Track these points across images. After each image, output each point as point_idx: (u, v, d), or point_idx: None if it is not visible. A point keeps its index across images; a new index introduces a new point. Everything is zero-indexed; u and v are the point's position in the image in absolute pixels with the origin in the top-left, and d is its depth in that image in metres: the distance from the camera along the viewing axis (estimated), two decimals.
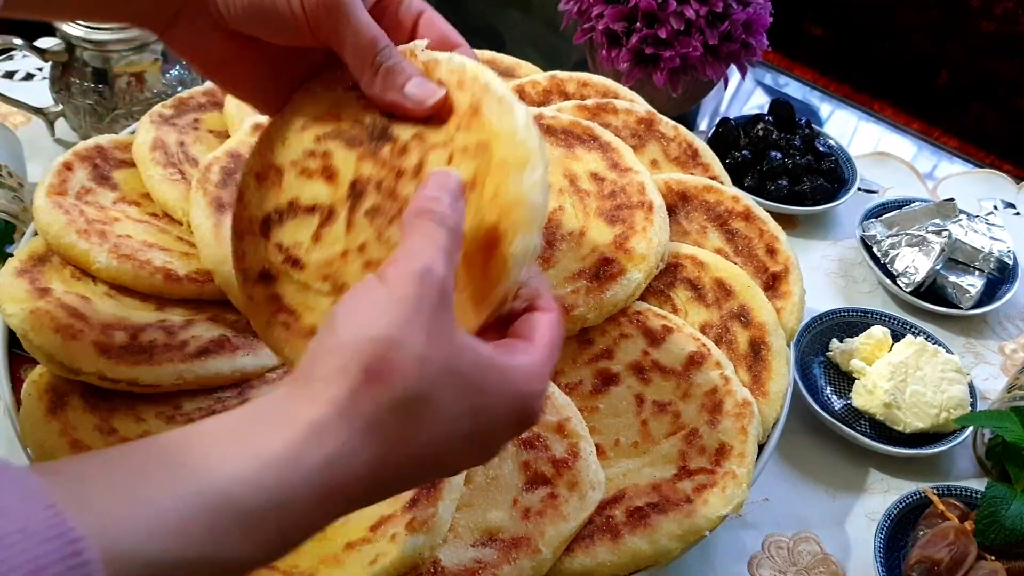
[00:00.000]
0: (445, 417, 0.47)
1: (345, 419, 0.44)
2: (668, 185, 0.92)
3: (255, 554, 0.42)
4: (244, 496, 0.41)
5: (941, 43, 2.10)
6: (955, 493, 0.86)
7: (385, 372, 0.45)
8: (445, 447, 0.48)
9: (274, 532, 0.42)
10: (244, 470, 0.41)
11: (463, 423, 0.48)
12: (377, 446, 0.45)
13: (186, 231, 0.86)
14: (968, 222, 1.11)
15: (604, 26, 1.16)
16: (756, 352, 0.81)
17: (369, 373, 0.45)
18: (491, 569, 0.64)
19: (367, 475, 0.45)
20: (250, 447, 0.42)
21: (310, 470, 0.43)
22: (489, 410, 0.49)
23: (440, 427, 0.47)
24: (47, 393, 0.73)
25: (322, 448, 0.43)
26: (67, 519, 0.34)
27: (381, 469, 0.46)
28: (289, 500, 0.42)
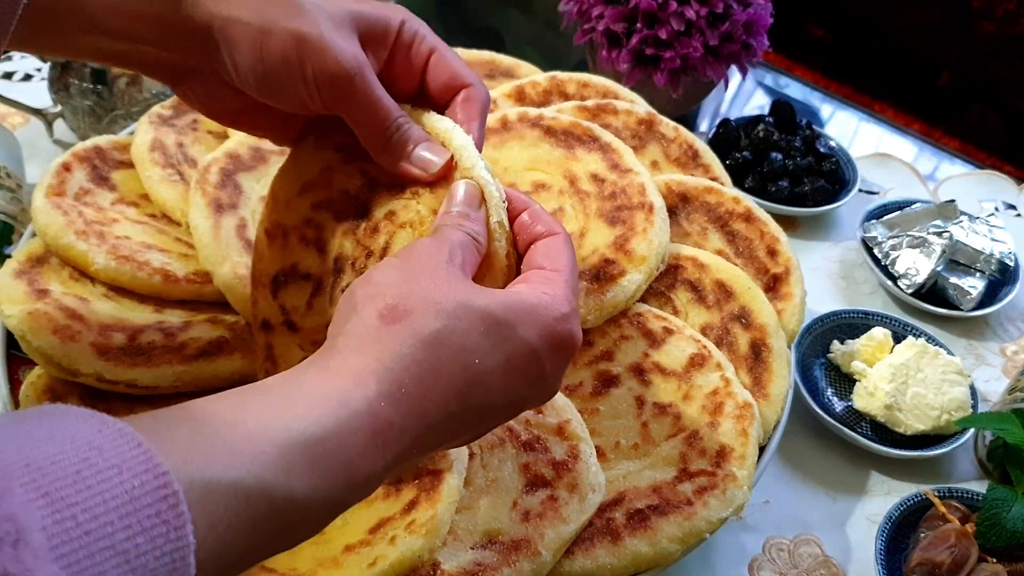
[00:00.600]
0: (475, 350, 0.49)
1: (376, 360, 0.47)
2: (668, 186, 0.91)
3: (322, 488, 0.44)
4: (305, 430, 0.43)
5: (942, 44, 2.10)
6: (956, 495, 0.86)
7: (398, 314, 0.49)
8: (487, 379, 0.50)
9: (338, 466, 0.44)
10: (301, 409, 0.44)
11: (493, 355, 0.50)
12: (412, 381, 0.47)
13: (185, 232, 0.86)
14: (969, 223, 1.11)
15: (604, 27, 1.16)
16: (757, 354, 0.81)
17: (384, 318, 0.49)
18: (491, 572, 0.64)
19: (411, 410, 0.47)
20: (302, 396, 0.45)
21: (358, 406, 0.45)
22: (522, 340, 0.51)
23: (472, 358, 0.49)
24: (45, 394, 0.72)
25: (364, 388, 0.46)
26: (154, 455, 0.37)
27: (423, 403, 0.48)
28: (346, 433, 0.45)
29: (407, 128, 0.62)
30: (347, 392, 0.46)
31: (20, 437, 0.36)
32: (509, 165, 0.88)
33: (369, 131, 0.62)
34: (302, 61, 0.58)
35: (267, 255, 0.69)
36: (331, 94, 0.59)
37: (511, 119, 0.91)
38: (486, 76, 1.05)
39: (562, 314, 0.53)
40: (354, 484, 0.46)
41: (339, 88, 0.59)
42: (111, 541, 0.35)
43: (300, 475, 0.43)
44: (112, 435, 0.37)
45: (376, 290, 0.51)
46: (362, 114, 0.61)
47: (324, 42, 0.58)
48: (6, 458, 0.34)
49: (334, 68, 0.58)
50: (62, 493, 0.34)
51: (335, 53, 0.58)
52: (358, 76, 0.59)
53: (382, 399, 0.46)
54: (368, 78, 0.60)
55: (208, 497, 0.39)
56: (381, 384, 0.47)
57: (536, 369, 0.53)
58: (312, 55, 0.58)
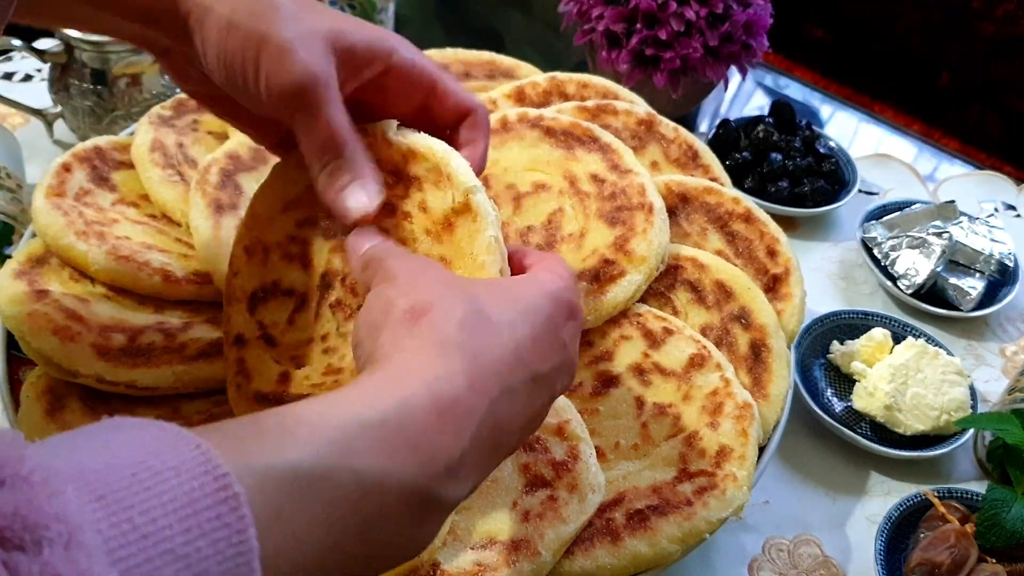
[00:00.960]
0: (502, 323, 0.50)
1: (420, 350, 0.47)
2: (668, 187, 0.91)
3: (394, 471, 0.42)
4: (361, 413, 0.42)
5: (942, 45, 2.10)
6: (956, 496, 0.86)
7: (419, 311, 0.49)
8: (523, 350, 0.50)
9: (405, 446, 0.43)
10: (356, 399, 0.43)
11: (521, 327, 0.50)
12: (463, 357, 0.47)
13: (185, 232, 0.86)
14: (969, 224, 1.11)
15: (604, 27, 1.16)
16: (757, 354, 0.81)
17: (407, 319, 0.48)
18: (491, 572, 0.64)
19: (470, 382, 0.46)
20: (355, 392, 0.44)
21: (414, 387, 0.44)
22: (536, 311, 0.52)
23: (504, 332, 0.49)
24: (45, 395, 0.72)
25: (417, 374, 0.45)
26: (213, 456, 0.36)
27: (481, 378, 0.47)
28: (406, 412, 0.43)
29: (349, 157, 0.59)
30: (400, 378, 0.45)
31: (75, 446, 0.35)
32: (509, 165, 0.88)
33: (312, 148, 0.59)
34: (258, 63, 0.57)
35: (245, 271, 0.69)
36: (282, 104, 0.58)
37: (511, 120, 0.91)
38: (486, 76, 1.06)
39: (565, 284, 0.55)
40: (431, 469, 0.43)
41: (290, 97, 0.57)
42: (170, 545, 0.33)
43: (365, 455, 0.41)
44: (170, 438, 0.36)
45: (384, 307, 0.50)
46: (309, 131, 0.59)
47: (284, 49, 0.57)
48: (60, 464, 0.33)
49: (288, 76, 0.57)
50: (118, 496, 0.33)
51: (293, 62, 0.57)
52: (311, 92, 0.57)
53: (441, 380, 0.45)
54: (321, 94, 0.57)
55: (267, 484, 0.37)
56: (435, 367, 0.46)
57: (558, 336, 0.53)
58: (269, 59, 0.57)
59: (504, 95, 0.99)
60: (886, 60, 2.17)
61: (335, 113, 0.58)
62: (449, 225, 0.60)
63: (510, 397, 0.49)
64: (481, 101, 0.66)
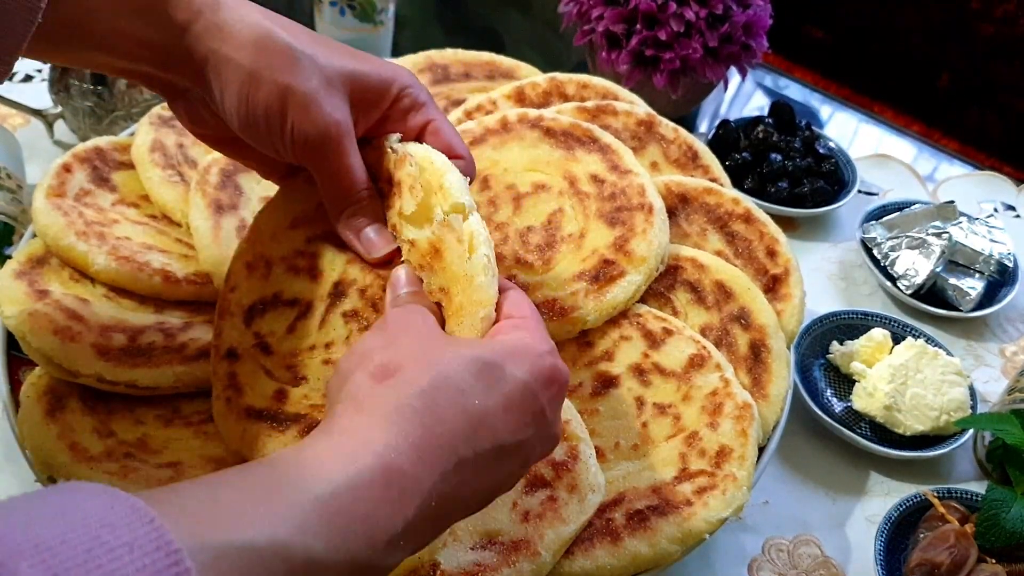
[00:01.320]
0: (471, 392, 0.50)
1: (378, 416, 0.47)
2: (668, 187, 0.91)
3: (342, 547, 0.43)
4: (316, 488, 0.43)
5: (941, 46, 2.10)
6: (955, 496, 0.86)
7: (389, 370, 0.50)
8: (490, 419, 0.50)
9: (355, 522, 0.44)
10: (310, 471, 0.44)
11: (491, 396, 0.50)
12: (415, 428, 0.47)
13: (185, 233, 0.86)
14: (968, 224, 1.11)
15: (604, 28, 1.16)
16: (756, 354, 0.81)
17: (377, 377, 0.49)
18: (490, 572, 0.64)
19: (420, 457, 0.47)
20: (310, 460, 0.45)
21: (367, 462, 0.45)
22: (514, 378, 0.52)
23: (471, 400, 0.49)
24: (46, 395, 0.73)
25: (371, 443, 0.46)
26: (166, 531, 0.36)
27: (430, 450, 0.47)
28: (358, 487, 0.44)
29: (367, 203, 0.64)
30: (354, 449, 0.46)
31: (29, 516, 0.35)
32: (509, 166, 0.88)
33: (333, 195, 0.64)
34: (284, 115, 0.59)
35: (244, 286, 0.70)
36: (305, 152, 0.61)
37: (511, 120, 0.91)
38: (486, 77, 1.06)
39: (545, 351, 0.54)
40: (376, 542, 0.45)
41: (314, 149, 0.60)
42: None
43: (316, 533, 0.42)
44: (124, 511, 0.36)
45: (361, 357, 0.51)
46: (330, 178, 0.63)
47: (309, 100, 0.59)
48: (15, 537, 0.34)
49: (312, 129, 0.59)
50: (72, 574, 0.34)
51: (317, 114, 0.59)
52: (334, 141, 0.60)
53: (390, 450, 0.46)
54: (344, 145, 0.61)
55: (222, 563, 0.38)
56: (387, 436, 0.46)
57: (534, 404, 0.53)
58: (295, 111, 0.59)
59: (504, 96, 0.99)
60: (886, 61, 2.17)
61: (355, 159, 0.62)
62: (437, 252, 0.60)
63: (466, 468, 0.49)
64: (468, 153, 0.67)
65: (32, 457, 0.70)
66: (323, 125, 0.59)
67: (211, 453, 0.70)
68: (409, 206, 0.63)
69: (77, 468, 0.67)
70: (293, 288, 0.68)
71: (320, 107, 0.59)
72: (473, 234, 0.58)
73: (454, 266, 0.58)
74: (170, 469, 0.68)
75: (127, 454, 0.69)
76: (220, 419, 0.66)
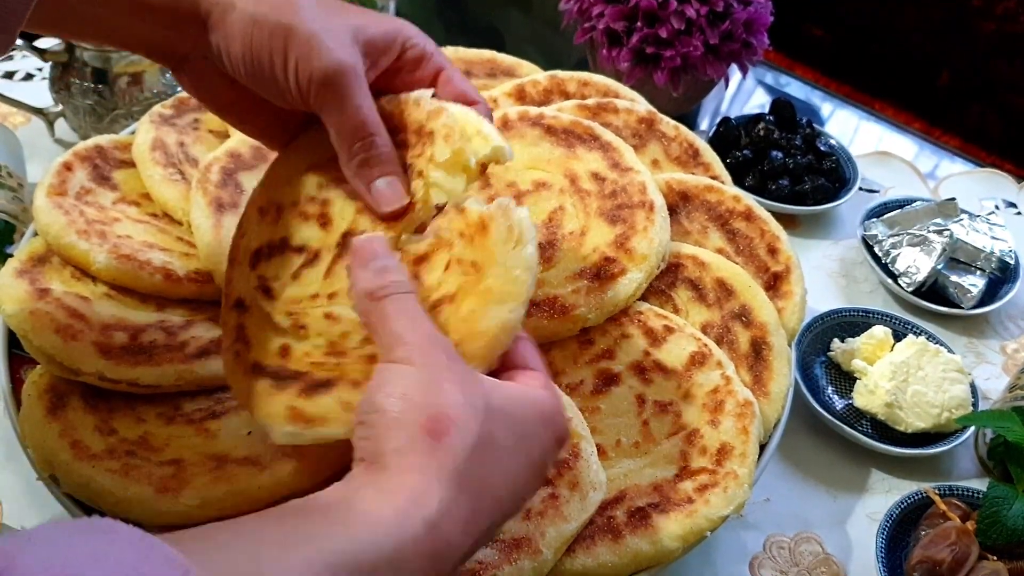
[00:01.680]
0: (507, 451, 0.50)
1: (436, 480, 0.47)
2: (669, 185, 0.91)
3: None
4: (361, 554, 0.43)
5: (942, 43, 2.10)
6: (957, 493, 0.86)
7: (443, 427, 0.48)
8: (516, 480, 0.51)
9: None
10: (358, 531, 0.44)
11: (520, 454, 0.51)
12: (468, 496, 0.48)
13: (186, 231, 0.86)
14: (969, 222, 1.11)
15: (605, 25, 1.16)
16: (757, 352, 0.81)
17: (432, 433, 0.48)
18: (492, 570, 0.64)
19: (467, 526, 0.47)
20: (359, 516, 0.45)
21: (416, 530, 0.45)
22: (533, 436, 0.52)
23: (508, 461, 0.50)
24: (47, 394, 0.72)
25: (424, 509, 0.46)
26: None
27: (477, 516, 0.48)
28: (402, 559, 0.44)
29: (379, 151, 0.62)
30: (406, 512, 0.45)
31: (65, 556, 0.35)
32: (510, 164, 0.88)
33: (342, 137, 0.62)
34: (287, 53, 0.59)
35: (253, 230, 0.68)
36: (311, 93, 0.60)
37: (512, 118, 0.91)
38: (487, 75, 1.06)
39: (561, 410, 0.55)
40: None
41: (320, 85, 0.59)
42: None
43: None
44: (159, 561, 0.36)
45: (408, 403, 0.49)
46: (338, 117, 0.61)
47: (312, 39, 0.58)
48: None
49: (318, 64, 0.59)
50: None
51: (322, 51, 0.58)
52: (341, 77, 0.59)
53: (443, 519, 0.46)
54: (351, 82, 0.60)
55: None
56: (443, 503, 0.46)
57: (544, 467, 0.54)
58: (298, 49, 0.59)
59: (505, 93, 0.99)
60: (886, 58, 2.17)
61: (364, 101, 0.61)
62: (484, 229, 0.58)
63: (492, 528, 0.51)
64: (482, 98, 0.67)
65: (33, 455, 0.70)
66: (328, 63, 0.59)
67: (213, 451, 0.70)
68: (443, 153, 0.61)
69: (78, 466, 0.67)
70: (301, 234, 0.66)
71: (323, 46, 0.59)
72: (524, 227, 0.57)
73: (496, 249, 0.57)
74: (171, 467, 0.68)
75: (128, 452, 0.69)
76: (230, 374, 0.64)
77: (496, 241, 0.57)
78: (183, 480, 0.66)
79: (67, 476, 0.68)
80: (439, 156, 0.62)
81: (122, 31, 0.63)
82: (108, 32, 0.63)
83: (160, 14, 0.61)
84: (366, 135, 0.61)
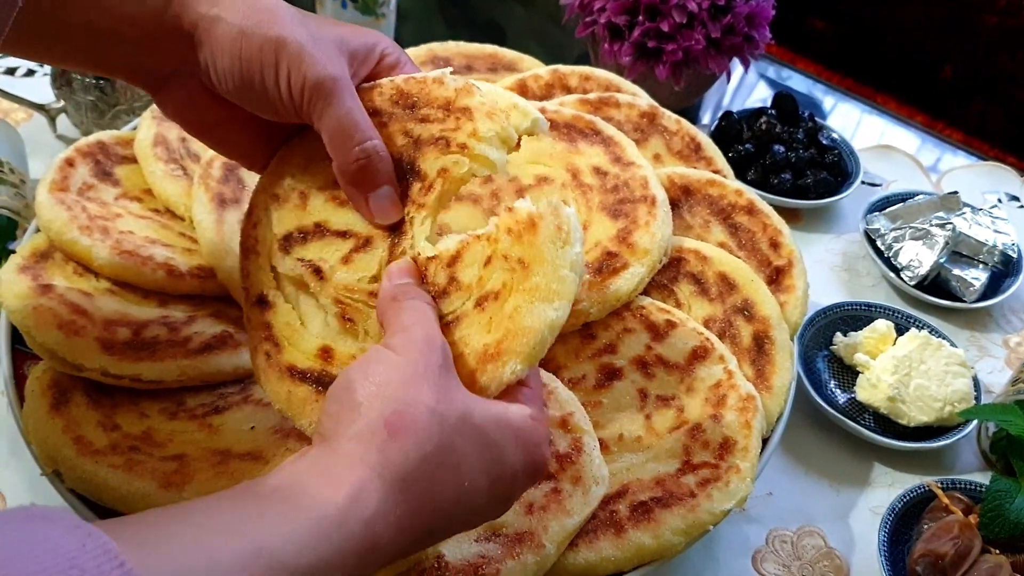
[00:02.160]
0: (466, 469, 0.50)
1: (379, 477, 0.47)
2: (671, 179, 0.91)
3: None
4: (297, 556, 0.44)
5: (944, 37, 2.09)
6: (959, 487, 0.86)
7: (404, 424, 0.49)
8: (468, 500, 0.51)
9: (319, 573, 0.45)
10: (294, 531, 0.44)
11: (482, 477, 0.51)
12: (408, 500, 0.48)
13: (188, 227, 0.86)
14: (972, 215, 1.11)
15: (606, 20, 1.16)
16: (760, 346, 0.81)
17: (391, 428, 0.49)
18: (495, 564, 0.64)
19: (400, 529, 0.48)
20: (300, 509, 0.45)
21: (353, 529, 0.46)
22: (504, 463, 0.52)
23: (463, 479, 0.50)
24: (50, 389, 0.73)
25: (363, 509, 0.46)
26: None
27: (413, 522, 0.49)
28: (336, 558, 0.45)
29: (378, 159, 0.61)
30: (346, 511, 0.46)
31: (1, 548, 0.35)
32: (511, 159, 0.88)
33: (338, 141, 0.61)
34: (278, 64, 0.59)
35: (273, 217, 0.66)
36: (304, 97, 0.60)
37: None
38: (488, 69, 1.06)
39: (543, 440, 0.55)
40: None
41: (312, 91, 0.59)
42: None
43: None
44: (95, 552, 0.36)
45: (380, 391, 0.50)
46: (333, 122, 0.60)
47: (303, 49, 0.59)
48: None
49: (311, 73, 0.59)
50: None
51: (313, 60, 0.59)
52: (334, 83, 0.60)
53: (378, 519, 0.47)
54: (345, 89, 0.60)
55: None
56: (381, 503, 0.47)
57: (509, 491, 0.54)
58: (289, 59, 0.59)
59: (506, 88, 0.99)
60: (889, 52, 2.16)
61: (356, 104, 0.61)
62: (533, 227, 0.57)
63: (435, 535, 0.52)
64: None
65: (37, 451, 0.70)
66: (320, 71, 0.59)
67: (216, 446, 0.70)
68: (488, 127, 0.62)
69: (82, 462, 0.67)
70: (340, 219, 0.65)
71: (313, 57, 0.59)
72: (572, 226, 0.57)
73: (545, 248, 0.57)
74: (175, 462, 0.68)
75: (132, 447, 0.69)
76: (262, 376, 0.63)
77: (544, 240, 0.57)
78: (186, 475, 0.67)
79: (70, 472, 0.68)
80: (484, 130, 0.62)
81: (105, 54, 0.63)
82: (90, 55, 0.63)
83: (143, 33, 0.61)
84: (364, 139, 0.61)
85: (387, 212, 0.62)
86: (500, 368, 0.55)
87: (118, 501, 0.66)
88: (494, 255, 0.58)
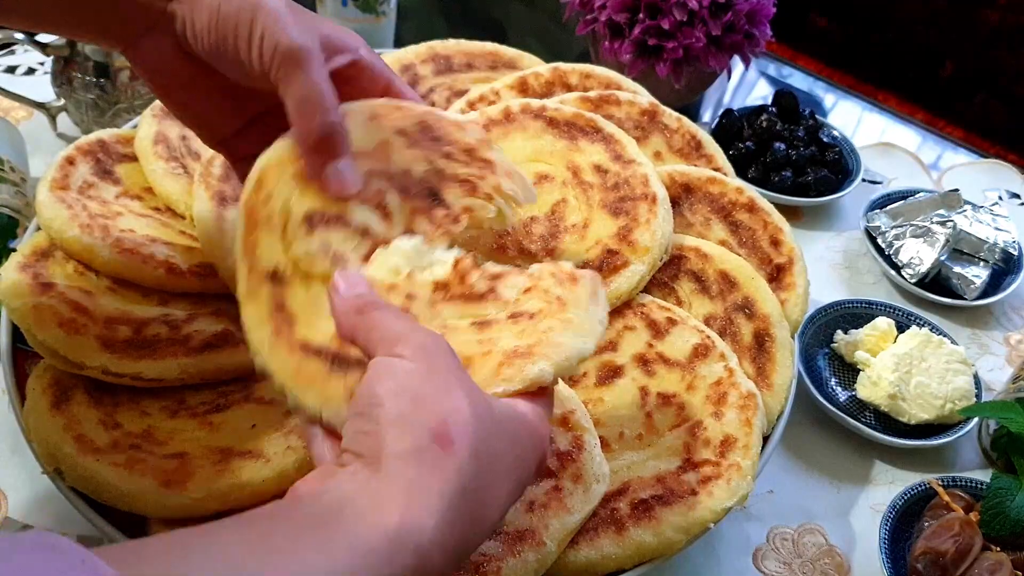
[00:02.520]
0: (504, 470, 0.50)
1: (437, 497, 0.45)
2: (672, 177, 0.91)
3: None
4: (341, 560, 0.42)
5: (945, 34, 2.09)
6: (960, 484, 0.86)
7: (453, 438, 0.47)
8: (505, 502, 0.51)
9: None
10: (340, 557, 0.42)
11: (512, 477, 0.51)
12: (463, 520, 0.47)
13: (189, 225, 0.86)
14: (973, 212, 1.11)
15: (607, 17, 1.16)
16: (760, 344, 0.81)
17: (441, 441, 0.47)
18: (496, 562, 0.64)
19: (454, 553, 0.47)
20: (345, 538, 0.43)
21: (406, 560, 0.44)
22: (525, 457, 0.52)
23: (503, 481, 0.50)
24: (51, 388, 0.73)
25: (417, 535, 0.44)
26: None
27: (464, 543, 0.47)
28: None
29: (342, 132, 0.61)
30: (399, 539, 0.44)
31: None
32: (512, 157, 0.88)
33: (302, 109, 0.60)
34: (253, 24, 0.59)
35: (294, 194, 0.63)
36: (274, 62, 0.60)
37: (514, 110, 0.91)
38: (489, 67, 1.05)
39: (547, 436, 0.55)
40: None
41: (284, 56, 0.59)
42: None
43: None
44: None
45: (415, 404, 0.48)
46: (298, 89, 0.60)
47: (279, 15, 0.60)
48: None
49: (283, 39, 0.59)
50: None
51: (288, 27, 0.59)
52: (305, 52, 0.60)
53: (434, 545, 0.45)
54: (313, 59, 0.60)
55: None
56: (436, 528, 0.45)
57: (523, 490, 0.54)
58: (264, 22, 0.59)
59: (507, 86, 0.99)
60: (889, 49, 2.16)
61: (323, 76, 0.61)
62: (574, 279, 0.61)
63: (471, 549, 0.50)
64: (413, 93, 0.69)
65: (38, 449, 0.70)
66: (293, 39, 0.59)
67: (217, 444, 0.70)
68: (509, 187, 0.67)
69: (83, 460, 0.67)
70: (359, 216, 0.63)
71: (288, 24, 0.59)
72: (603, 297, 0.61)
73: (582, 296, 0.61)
74: (176, 460, 0.68)
75: (133, 445, 0.69)
76: (268, 349, 0.59)
77: (582, 292, 0.60)
78: (187, 473, 0.67)
79: (72, 470, 0.68)
80: (506, 188, 0.67)
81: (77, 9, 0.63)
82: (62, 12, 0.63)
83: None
84: (328, 112, 0.60)
85: (347, 184, 0.62)
86: (529, 364, 0.55)
87: (119, 499, 0.66)
88: (535, 288, 0.61)
